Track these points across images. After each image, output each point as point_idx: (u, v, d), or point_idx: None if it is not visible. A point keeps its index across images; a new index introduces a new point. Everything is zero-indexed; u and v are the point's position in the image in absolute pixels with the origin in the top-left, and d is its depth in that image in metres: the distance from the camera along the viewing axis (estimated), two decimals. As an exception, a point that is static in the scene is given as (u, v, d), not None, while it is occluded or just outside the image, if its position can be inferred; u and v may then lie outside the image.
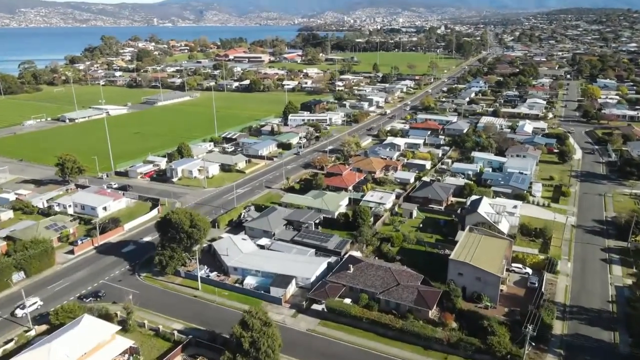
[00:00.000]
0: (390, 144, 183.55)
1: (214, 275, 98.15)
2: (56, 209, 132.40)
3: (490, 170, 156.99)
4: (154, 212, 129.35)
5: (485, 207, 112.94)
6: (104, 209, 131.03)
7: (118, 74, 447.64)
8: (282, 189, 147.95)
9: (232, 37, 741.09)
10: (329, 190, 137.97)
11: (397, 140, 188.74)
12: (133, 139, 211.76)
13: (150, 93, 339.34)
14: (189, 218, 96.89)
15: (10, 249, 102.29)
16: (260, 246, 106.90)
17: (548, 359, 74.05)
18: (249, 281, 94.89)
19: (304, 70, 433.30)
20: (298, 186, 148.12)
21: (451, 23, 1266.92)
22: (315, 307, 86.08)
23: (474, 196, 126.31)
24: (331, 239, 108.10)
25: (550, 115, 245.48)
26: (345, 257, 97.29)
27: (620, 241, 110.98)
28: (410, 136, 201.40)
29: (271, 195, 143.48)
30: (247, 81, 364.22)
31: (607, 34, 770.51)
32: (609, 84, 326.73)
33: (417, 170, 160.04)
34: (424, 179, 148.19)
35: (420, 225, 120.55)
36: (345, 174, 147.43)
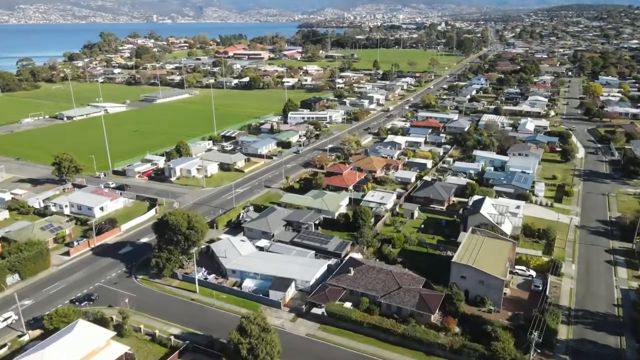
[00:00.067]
0: (391, 143, 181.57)
1: (212, 277, 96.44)
2: (52, 209, 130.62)
3: (492, 169, 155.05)
4: (152, 213, 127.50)
5: (488, 208, 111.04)
6: (101, 209, 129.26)
7: (117, 71, 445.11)
8: (282, 188, 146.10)
9: (232, 34, 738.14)
10: (329, 189, 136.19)
11: (398, 139, 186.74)
12: (131, 137, 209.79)
13: (149, 90, 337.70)
14: (186, 219, 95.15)
15: (5, 251, 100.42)
16: (259, 248, 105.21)
17: (553, 365, 72.46)
18: (248, 284, 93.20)
19: (304, 68, 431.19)
20: (298, 185, 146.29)
21: (452, 20, 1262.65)
22: (315, 311, 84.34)
23: (476, 196, 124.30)
24: (331, 240, 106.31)
25: (552, 113, 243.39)
26: (346, 260, 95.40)
27: (625, 242, 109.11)
28: (411, 134, 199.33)
29: (270, 194, 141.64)
30: (247, 78, 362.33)
31: (609, 30, 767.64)
32: (611, 81, 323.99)
33: (418, 169, 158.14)
34: (425, 178, 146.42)
35: (422, 225, 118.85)
36: (345, 173, 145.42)
